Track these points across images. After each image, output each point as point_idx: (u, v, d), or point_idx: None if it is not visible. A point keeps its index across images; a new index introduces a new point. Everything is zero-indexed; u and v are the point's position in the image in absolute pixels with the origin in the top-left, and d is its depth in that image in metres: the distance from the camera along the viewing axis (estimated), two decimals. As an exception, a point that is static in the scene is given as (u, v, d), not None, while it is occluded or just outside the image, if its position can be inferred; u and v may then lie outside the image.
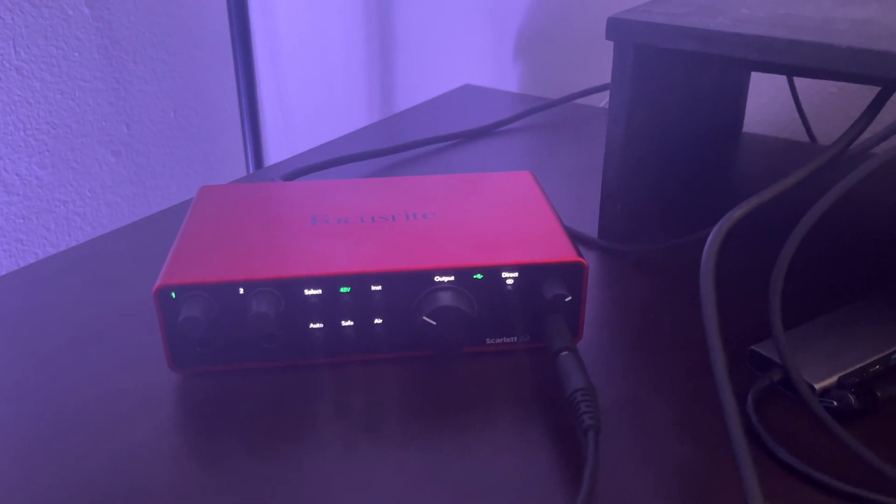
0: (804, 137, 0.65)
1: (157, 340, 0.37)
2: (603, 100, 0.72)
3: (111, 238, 0.47)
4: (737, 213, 0.31)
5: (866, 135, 0.64)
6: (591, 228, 0.47)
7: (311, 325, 0.34)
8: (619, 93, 0.41)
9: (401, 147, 0.58)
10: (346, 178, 0.55)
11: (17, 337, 0.37)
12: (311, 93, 1.00)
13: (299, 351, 0.34)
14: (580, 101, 0.75)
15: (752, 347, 0.34)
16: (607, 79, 0.75)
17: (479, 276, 0.33)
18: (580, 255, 0.34)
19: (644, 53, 0.41)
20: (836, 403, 0.31)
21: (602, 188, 0.44)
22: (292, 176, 0.51)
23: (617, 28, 0.40)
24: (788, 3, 0.42)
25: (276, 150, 1.04)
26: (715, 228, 0.31)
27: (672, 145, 0.50)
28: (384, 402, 0.33)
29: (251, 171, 0.89)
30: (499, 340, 0.35)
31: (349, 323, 0.34)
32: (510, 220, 0.37)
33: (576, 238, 0.46)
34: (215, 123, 0.98)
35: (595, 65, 0.76)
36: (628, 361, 0.35)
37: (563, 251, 0.34)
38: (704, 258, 0.30)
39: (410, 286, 0.33)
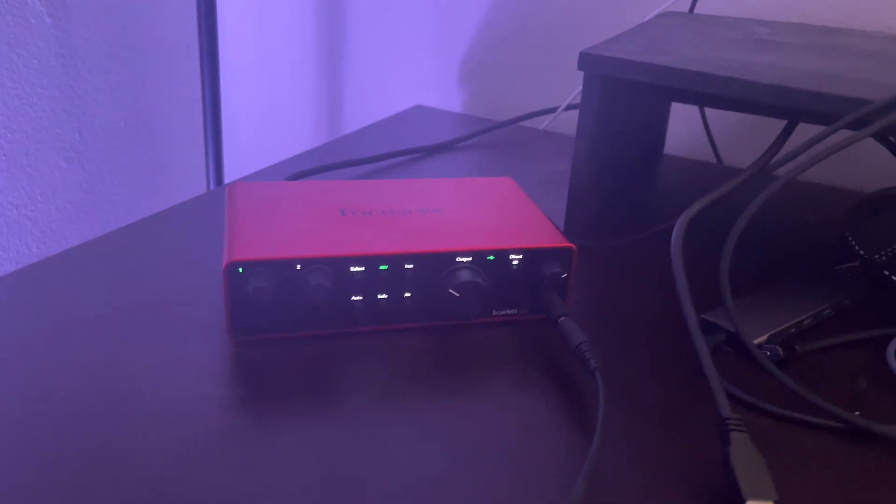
0: (713, 159, 0.76)
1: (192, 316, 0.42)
2: (543, 122, 0.81)
3: (123, 233, 0.51)
4: (694, 208, 0.40)
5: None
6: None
7: (353, 298, 0.40)
8: (586, 114, 0.50)
9: (369, 159, 0.65)
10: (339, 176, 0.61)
11: (60, 320, 0.41)
12: (258, 109, 1.05)
13: (341, 320, 0.40)
14: (523, 123, 0.84)
15: (703, 316, 0.44)
16: (546, 103, 0.84)
17: (491, 257, 0.41)
18: (569, 242, 0.42)
19: (608, 83, 0.50)
20: (768, 354, 0.40)
21: (569, 195, 0.52)
22: (296, 178, 0.57)
23: (587, 61, 0.48)
24: (716, 48, 0.52)
25: (230, 171, 1.07)
26: (677, 224, 0.40)
27: (619, 161, 0.60)
28: (411, 364, 0.39)
29: (211, 187, 0.93)
30: (503, 312, 0.43)
31: (384, 296, 0.40)
32: (507, 215, 0.45)
33: (544, 236, 0.54)
34: (165, 134, 1.01)
35: (535, 90, 0.85)
36: (605, 330, 0.43)
37: (556, 239, 0.42)
38: (674, 238, 0.39)
39: (437, 264, 0.40)
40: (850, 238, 0.50)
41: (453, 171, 0.66)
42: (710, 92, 0.46)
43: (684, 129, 0.78)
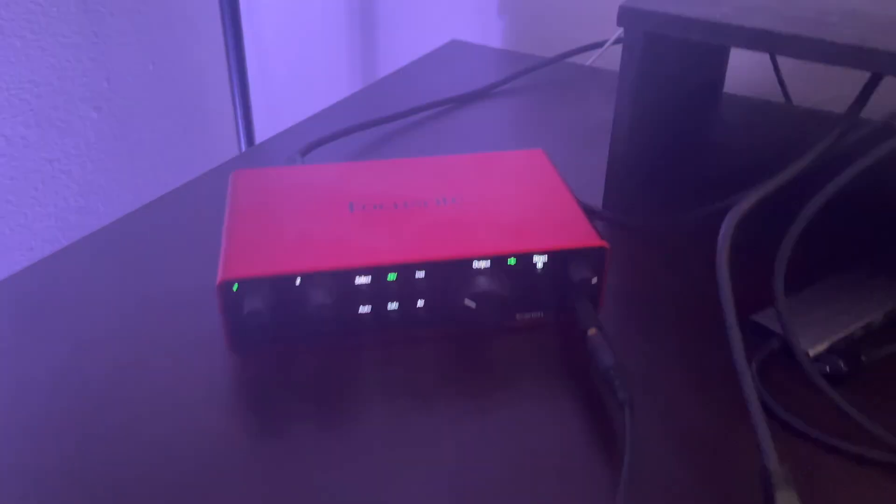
0: (780, 97, 0.68)
1: (210, 326, 0.39)
2: (590, 58, 0.74)
3: (128, 223, 0.49)
4: (744, 205, 0.35)
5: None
6: (592, 196, 0.51)
7: (360, 309, 0.37)
8: (627, 75, 0.44)
9: (398, 115, 0.60)
10: (351, 147, 0.57)
11: (63, 327, 0.40)
12: (291, 50, 0.99)
13: (348, 331, 0.37)
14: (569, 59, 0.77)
15: (753, 318, 0.39)
16: (591, 36, 0.77)
17: (512, 261, 0.37)
18: (602, 238, 0.38)
19: (653, 40, 0.43)
20: (828, 369, 0.36)
21: (608, 163, 0.47)
22: (309, 149, 0.53)
23: (628, 16, 0.42)
24: (784, -10, 0.44)
25: (259, 110, 1.03)
26: (724, 223, 0.34)
27: (667, 121, 0.53)
28: (425, 376, 0.36)
29: (242, 134, 0.90)
30: (527, 315, 0.39)
31: (394, 305, 0.37)
32: (534, 205, 0.40)
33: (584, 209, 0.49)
34: (196, 75, 0.97)
35: (578, 20, 0.77)
36: (643, 332, 0.39)
37: (586, 236, 0.37)
38: (719, 251, 0.34)
39: (451, 272, 0.36)
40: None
41: (486, 124, 0.61)
42: (774, 51, 0.39)
43: (746, 60, 0.70)
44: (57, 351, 0.38)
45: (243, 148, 0.93)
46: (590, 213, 0.49)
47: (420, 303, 0.37)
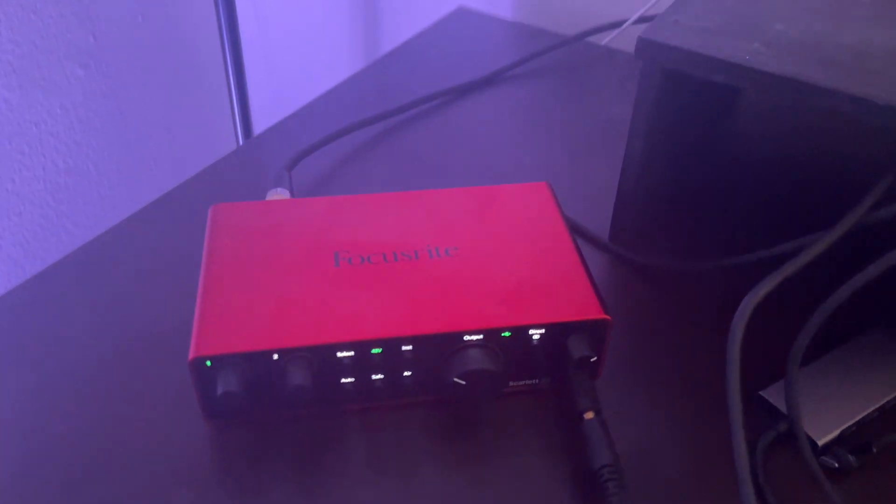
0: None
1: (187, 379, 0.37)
2: (605, 38, 0.69)
3: (105, 243, 0.46)
4: (760, 291, 0.32)
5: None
6: (600, 212, 0.47)
7: (343, 380, 0.34)
8: (641, 110, 0.40)
9: (397, 110, 0.56)
10: (345, 148, 0.54)
11: (20, 382, 0.38)
12: (292, 11, 0.93)
13: (330, 401, 0.35)
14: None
15: (761, 394, 0.36)
16: (607, 8, 0.71)
17: (506, 333, 0.34)
18: (606, 309, 0.35)
19: (671, 75, 0.39)
20: (836, 465, 0.34)
21: (616, 198, 0.44)
22: (294, 162, 0.49)
23: (647, 50, 0.38)
24: (829, 17, 0.40)
25: (256, 61, 0.98)
26: (741, 307, 0.32)
27: (686, 154, 0.50)
28: (411, 446, 0.34)
29: (234, 94, 0.86)
30: (521, 383, 0.37)
31: (379, 376, 0.35)
32: (533, 261, 0.37)
33: (586, 237, 0.46)
34: (189, 27, 0.92)
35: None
36: (643, 395, 0.37)
37: (589, 307, 0.35)
38: (731, 337, 0.31)
39: (440, 346, 0.34)
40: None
41: (491, 118, 0.57)
42: (805, 103, 0.35)
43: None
44: (19, 404, 0.36)
45: (235, 97, 0.88)
46: (595, 244, 0.46)
47: (407, 374, 0.35)
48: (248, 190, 0.49)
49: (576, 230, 0.47)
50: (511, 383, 0.37)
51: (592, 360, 0.35)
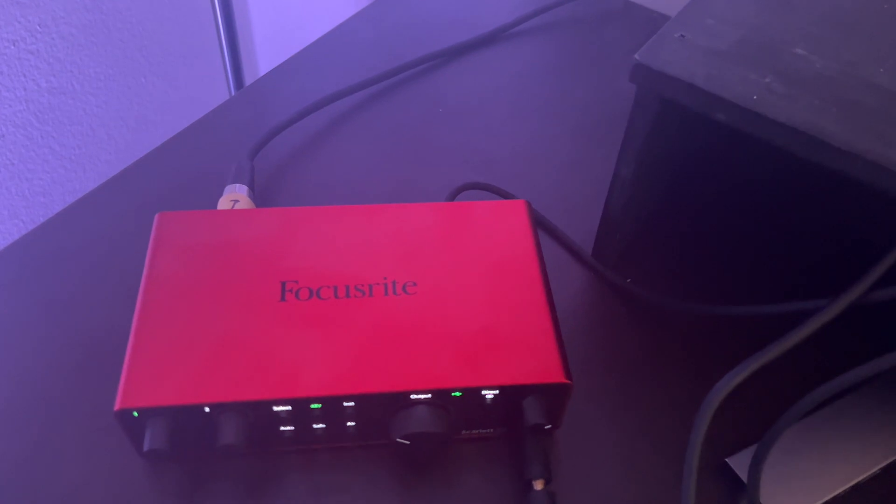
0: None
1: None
2: (623, -12, 0.62)
3: (67, 219, 0.43)
4: (732, 380, 0.29)
5: None
6: (588, 214, 0.44)
7: (282, 428, 0.33)
8: (633, 136, 0.36)
9: (386, 74, 0.52)
10: (318, 123, 0.50)
11: (-21, 385, 0.36)
12: None
13: (270, 444, 0.34)
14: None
15: (727, 461, 0.34)
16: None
17: (457, 393, 0.32)
18: (567, 372, 0.32)
19: (668, 104, 0.35)
20: (795, 552, 0.32)
21: (602, 217, 0.40)
22: (257, 149, 0.45)
23: (643, 76, 0.33)
24: (857, 38, 0.34)
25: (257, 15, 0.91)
26: (708, 397, 0.29)
27: (680, 174, 0.45)
28: (353, 487, 0.33)
29: (223, 26, 0.80)
30: (474, 432, 0.35)
31: (321, 426, 0.33)
32: (497, 308, 0.34)
33: (568, 249, 0.43)
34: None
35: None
36: (602, 443, 0.35)
37: (550, 369, 0.32)
38: (696, 423, 0.29)
39: (384, 405, 0.32)
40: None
41: (488, 84, 0.52)
42: (820, 160, 0.31)
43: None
44: (-40, 426, 0.35)
45: (222, 20, 0.83)
46: (576, 256, 0.43)
47: (350, 424, 0.33)
48: (228, 150, 0.46)
49: (558, 241, 0.43)
50: (463, 431, 0.35)
51: (546, 428, 0.32)
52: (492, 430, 0.35)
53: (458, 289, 0.35)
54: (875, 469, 0.34)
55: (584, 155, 0.48)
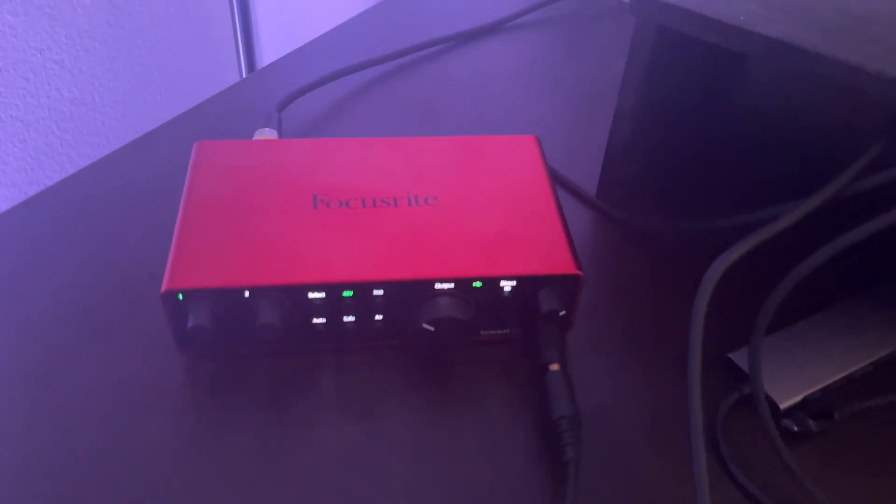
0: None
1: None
2: (616, -11, 0.67)
3: (100, 170, 0.46)
4: (731, 255, 0.32)
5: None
6: (591, 171, 0.47)
7: (314, 320, 0.35)
8: (633, 68, 0.39)
9: (395, 55, 0.56)
10: (339, 92, 0.53)
11: (4, 308, 0.38)
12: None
13: (302, 340, 0.36)
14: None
15: (729, 356, 0.37)
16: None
17: (477, 283, 0.34)
18: (579, 264, 0.35)
19: (666, 33, 0.38)
20: (796, 428, 0.34)
21: (605, 155, 0.43)
22: (285, 103, 0.49)
23: (641, 6, 0.37)
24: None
25: (263, 12, 0.97)
26: (709, 271, 0.32)
27: (681, 110, 0.49)
28: (381, 390, 0.35)
29: (238, 19, 0.85)
30: (492, 332, 0.37)
31: (351, 318, 0.35)
32: (512, 214, 0.37)
33: (573, 192, 0.46)
34: (196, -44, 0.91)
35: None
36: (613, 353, 0.37)
37: (562, 262, 0.35)
38: (697, 301, 0.31)
39: (411, 293, 0.34)
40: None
41: (492, 69, 0.56)
42: (798, 68, 0.34)
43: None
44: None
45: (240, 34, 0.88)
46: (581, 199, 0.46)
47: (378, 317, 0.35)
48: (242, 125, 0.49)
49: (562, 184, 0.47)
50: (482, 332, 0.37)
51: (561, 314, 0.35)
52: (509, 331, 0.37)
53: (475, 201, 0.38)
54: (866, 363, 0.36)
55: (586, 123, 0.52)
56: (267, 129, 0.44)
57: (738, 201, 0.46)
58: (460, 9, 0.63)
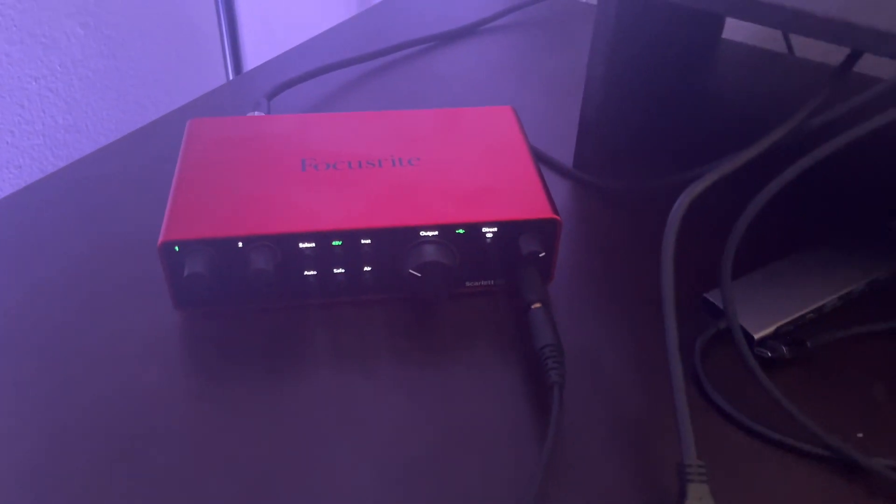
0: (783, 47, 0.66)
1: (157, 276, 0.40)
2: (586, -6, 0.71)
3: (100, 158, 0.48)
4: (696, 188, 0.34)
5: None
6: (568, 151, 0.49)
7: (306, 273, 0.36)
8: (601, 34, 0.42)
9: (378, 53, 0.58)
10: (327, 87, 0.56)
11: (13, 274, 0.40)
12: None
13: (295, 294, 0.37)
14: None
15: (705, 295, 0.38)
16: (592, -31, 0.73)
17: (460, 230, 0.36)
18: (555, 210, 0.37)
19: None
20: (769, 354, 0.35)
21: (579, 124, 0.46)
22: (275, 92, 0.51)
23: (603, -28, 0.40)
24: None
25: (251, 31, 1.00)
26: (675, 205, 0.34)
27: (651, 79, 0.51)
28: (371, 341, 0.36)
29: (228, 52, 0.88)
30: (477, 283, 0.39)
31: (340, 270, 0.37)
32: (491, 170, 0.39)
33: (551, 165, 0.48)
34: (185, -10, 0.94)
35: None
36: (594, 304, 0.39)
37: (539, 208, 0.37)
38: (667, 232, 0.33)
39: (397, 240, 0.36)
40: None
41: (470, 66, 0.59)
42: (752, 19, 0.37)
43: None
44: (4, 297, 0.38)
45: (230, 65, 0.91)
46: (559, 171, 0.48)
47: (367, 269, 0.37)
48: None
49: (542, 159, 0.49)
50: (467, 283, 0.38)
51: (541, 255, 0.37)
52: (493, 281, 0.39)
53: (456, 161, 0.40)
54: (834, 297, 0.38)
55: (563, 107, 0.55)
56: (257, 112, 0.46)
57: (712, 155, 0.48)
58: (440, 16, 0.66)
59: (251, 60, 0.99)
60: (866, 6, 0.35)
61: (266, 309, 0.38)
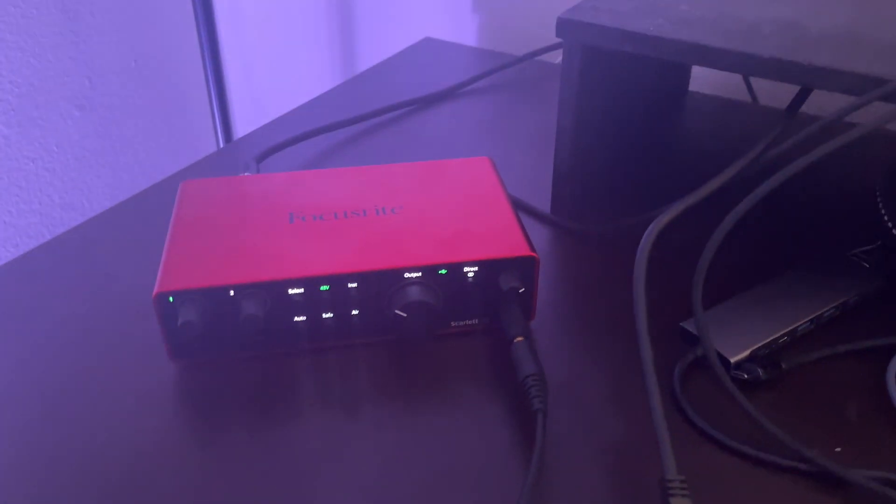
0: (747, 97, 0.69)
1: (153, 332, 0.41)
2: (558, 56, 0.74)
3: (97, 224, 0.50)
4: (664, 218, 0.36)
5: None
6: (546, 199, 0.52)
7: (296, 318, 0.38)
8: (567, 86, 0.45)
9: (363, 117, 0.61)
10: (314, 150, 0.58)
11: (14, 335, 0.41)
12: (274, 47, 1.00)
13: (286, 340, 0.39)
14: (537, 57, 0.78)
15: (682, 324, 0.40)
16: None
17: (443, 271, 0.38)
18: (532, 249, 0.39)
19: (591, 51, 0.44)
20: (746, 376, 0.37)
21: (554, 171, 0.48)
22: (264, 155, 0.54)
23: (565, 28, 0.43)
24: (722, 2, 0.45)
25: (242, 106, 1.04)
26: (644, 236, 0.35)
27: (620, 126, 0.54)
28: (360, 383, 0.38)
29: (219, 129, 0.91)
30: (462, 323, 0.40)
31: (329, 314, 0.38)
32: (470, 214, 0.41)
33: (530, 212, 0.50)
34: (178, 72, 0.99)
35: (553, 17, 0.78)
36: (575, 339, 0.40)
37: (517, 246, 0.39)
38: (637, 263, 0.35)
39: (383, 282, 0.38)
40: (881, 204, 0.44)
41: (450, 126, 0.62)
42: (704, 63, 0.40)
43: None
44: (6, 356, 0.39)
45: (221, 142, 0.94)
46: (538, 218, 0.50)
47: (354, 312, 0.38)
48: None
49: (520, 207, 0.51)
50: (452, 323, 0.40)
51: (521, 291, 0.38)
52: (476, 321, 0.40)
53: (437, 208, 0.42)
54: (806, 320, 0.39)
55: (538, 160, 0.57)
56: (247, 173, 0.49)
57: (680, 195, 0.50)
58: (419, 83, 0.70)
59: (241, 131, 1.02)
60: (807, 48, 0.38)
61: (258, 356, 0.39)
